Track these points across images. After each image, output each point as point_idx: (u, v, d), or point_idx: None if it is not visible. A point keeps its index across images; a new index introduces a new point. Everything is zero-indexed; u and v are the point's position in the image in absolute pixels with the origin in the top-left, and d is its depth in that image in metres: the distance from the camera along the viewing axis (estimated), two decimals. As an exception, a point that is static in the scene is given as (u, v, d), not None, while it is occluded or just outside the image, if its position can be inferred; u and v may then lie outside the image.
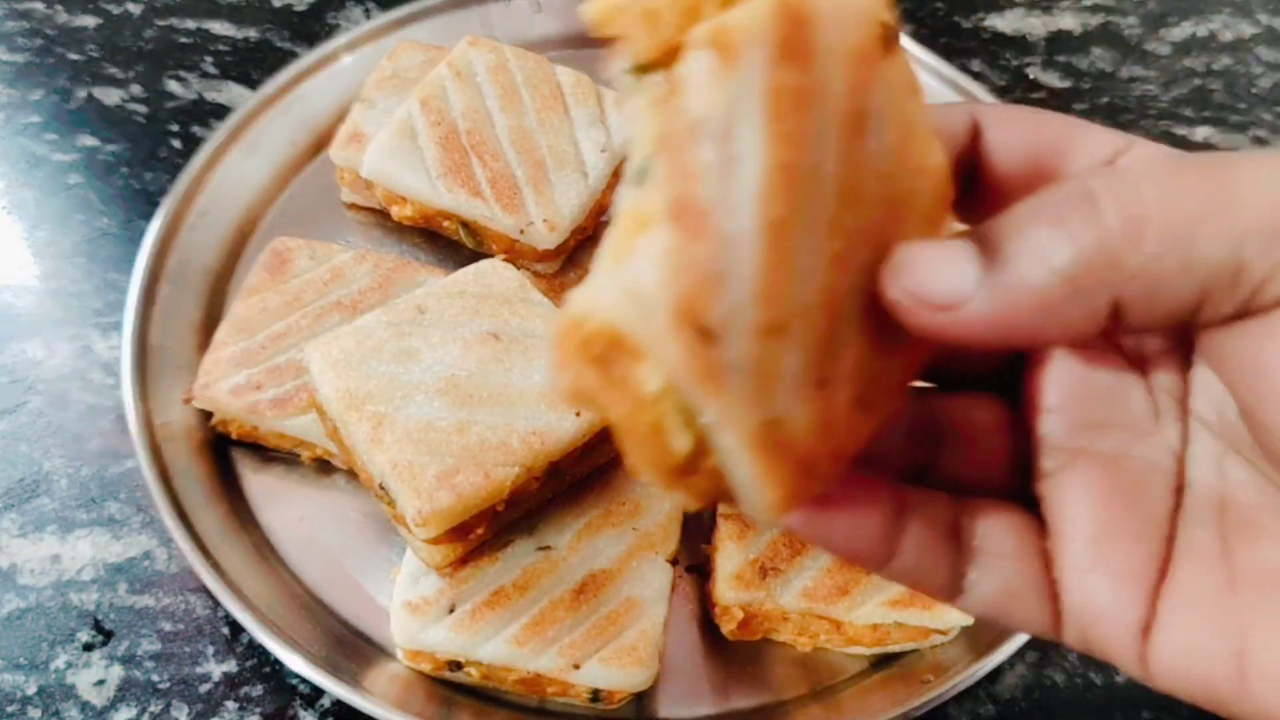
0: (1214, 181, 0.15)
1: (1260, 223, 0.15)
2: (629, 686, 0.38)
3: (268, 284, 0.47)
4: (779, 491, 0.16)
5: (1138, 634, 0.18)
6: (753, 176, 0.16)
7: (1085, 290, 0.15)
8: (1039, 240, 0.15)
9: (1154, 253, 0.15)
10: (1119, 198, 0.15)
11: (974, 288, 0.16)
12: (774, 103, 0.16)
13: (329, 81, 0.55)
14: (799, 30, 0.16)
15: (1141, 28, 0.68)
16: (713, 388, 0.16)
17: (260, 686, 0.41)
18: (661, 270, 0.15)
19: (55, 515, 0.44)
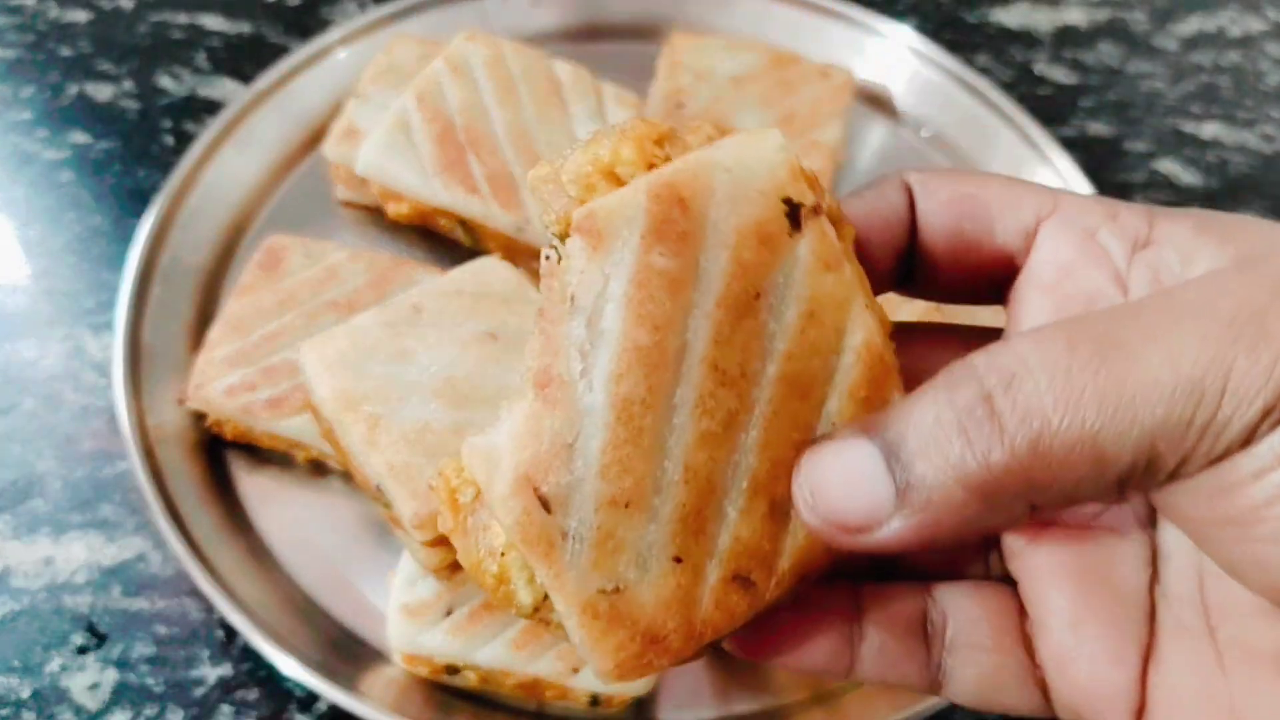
0: (1111, 381, 0.15)
1: (1164, 422, 0.15)
2: (628, 691, 0.38)
3: (261, 283, 0.46)
4: (609, 660, 0.17)
5: (1131, 718, 0.18)
6: (610, 355, 0.17)
7: (1001, 503, 0.16)
8: (949, 458, 0.15)
9: (1065, 463, 0.15)
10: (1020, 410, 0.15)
11: (889, 511, 0.16)
12: (639, 285, 0.17)
13: (323, 77, 0.55)
14: (675, 213, 0.17)
15: (1149, 23, 0.67)
16: (544, 553, 0.16)
17: (255, 691, 0.40)
18: (514, 437, 0.17)
19: (48, 517, 0.44)
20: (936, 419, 0.16)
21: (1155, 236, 0.19)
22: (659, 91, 0.54)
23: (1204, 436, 0.15)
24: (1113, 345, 0.15)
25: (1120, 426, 0.15)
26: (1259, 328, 0.15)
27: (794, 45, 0.58)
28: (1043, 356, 0.15)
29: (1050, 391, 0.15)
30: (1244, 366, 0.15)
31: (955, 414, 0.16)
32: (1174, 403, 0.15)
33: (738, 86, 0.54)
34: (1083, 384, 0.15)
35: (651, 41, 0.59)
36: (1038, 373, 0.15)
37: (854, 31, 0.59)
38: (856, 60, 0.58)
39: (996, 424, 0.15)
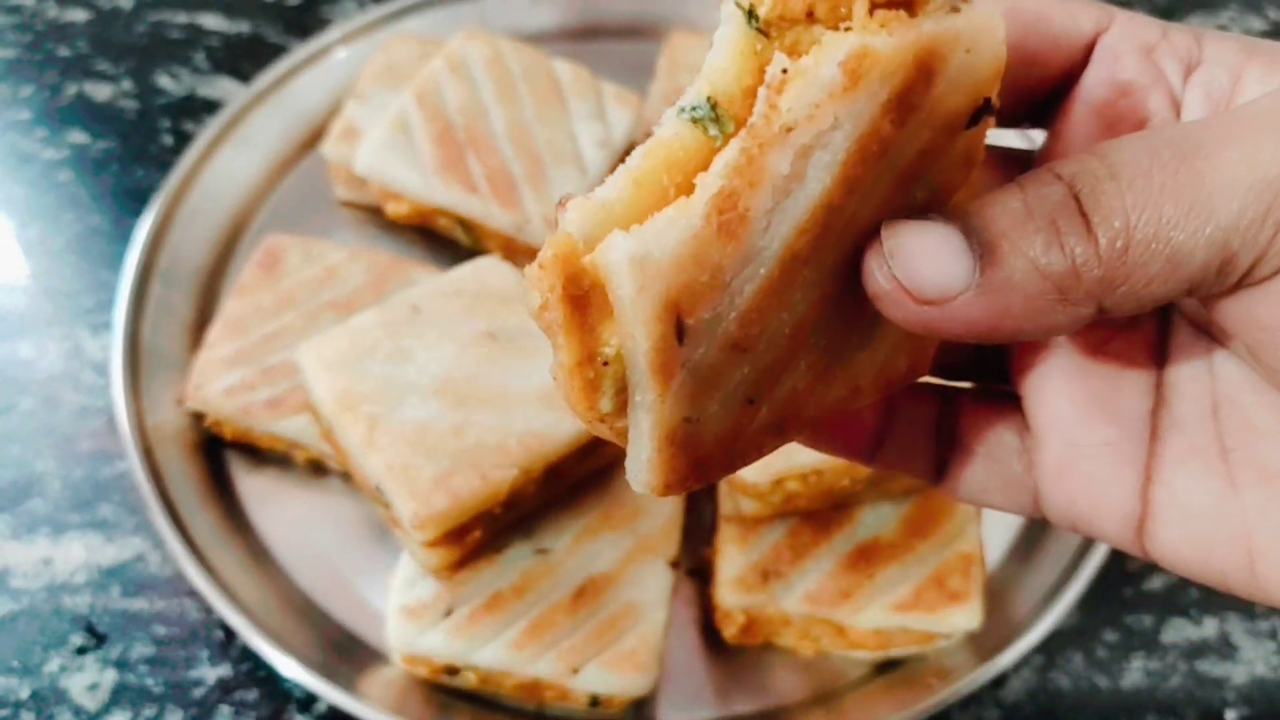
0: (1190, 178, 0.15)
1: (1239, 217, 0.15)
2: (628, 692, 0.38)
3: (260, 283, 0.46)
4: (663, 479, 0.17)
5: (1130, 528, 0.19)
6: (805, 207, 0.16)
7: (1074, 298, 0.16)
8: (1033, 248, 0.16)
9: (1139, 262, 0.15)
10: (1104, 210, 0.15)
11: (965, 284, 0.16)
12: (861, 145, 0.16)
13: (322, 76, 0.55)
14: (921, 84, 0.16)
15: (1149, 20, 0.67)
16: (661, 380, 0.16)
17: (254, 691, 0.40)
18: (676, 255, 0.15)
19: (47, 517, 0.44)
20: (1025, 208, 0.16)
21: (1205, 55, 0.19)
22: (659, 91, 0.54)
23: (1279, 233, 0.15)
24: (1192, 148, 0.15)
25: (1196, 223, 0.15)
26: None
27: (794, 44, 0.57)
28: (1126, 160, 0.16)
29: (1131, 191, 0.15)
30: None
31: (1047, 207, 0.16)
32: (1249, 200, 0.15)
33: (738, 86, 0.54)
34: (1161, 182, 0.15)
35: (651, 41, 0.58)
36: (1121, 175, 0.15)
37: (854, 30, 0.58)
38: (857, 59, 0.58)
39: (1084, 222, 0.15)
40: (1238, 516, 0.18)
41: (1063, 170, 0.16)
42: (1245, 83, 0.18)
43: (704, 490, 0.43)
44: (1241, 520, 0.18)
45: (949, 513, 0.41)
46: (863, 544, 0.40)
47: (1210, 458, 0.19)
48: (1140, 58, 0.19)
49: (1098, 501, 0.19)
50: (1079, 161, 0.16)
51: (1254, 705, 0.42)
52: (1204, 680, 0.43)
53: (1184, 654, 0.43)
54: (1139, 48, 0.19)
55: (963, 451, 0.21)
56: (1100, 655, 0.43)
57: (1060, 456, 0.20)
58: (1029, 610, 0.41)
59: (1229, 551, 0.18)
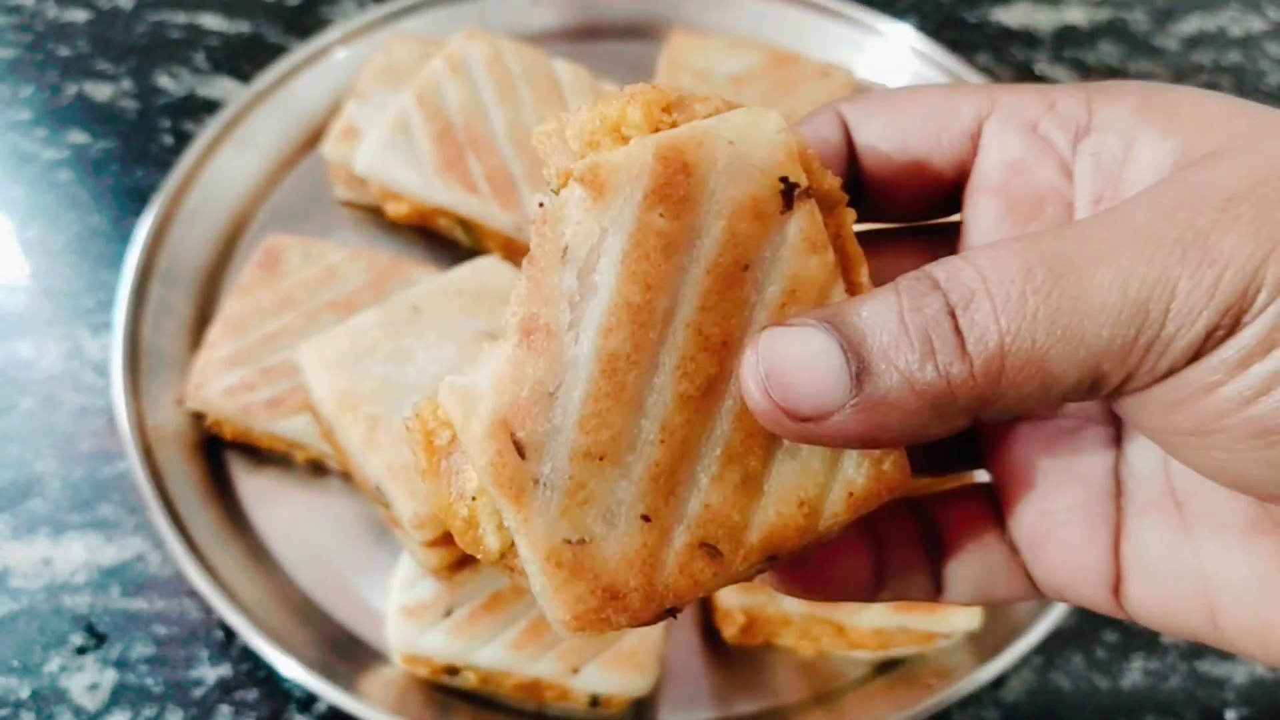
0: (1062, 302, 0.16)
1: (1110, 342, 0.16)
2: (629, 692, 0.38)
3: (260, 283, 0.46)
4: (568, 611, 0.17)
5: (1108, 591, 0.19)
6: (601, 310, 0.17)
7: (948, 413, 0.16)
8: (909, 365, 0.16)
9: (1013, 382, 0.16)
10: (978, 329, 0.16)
11: (841, 402, 0.16)
12: (636, 244, 0.17)
13: (322, 76, 0.55)
14: (679, 177, 0.17)
15: (1150, 22, 0.67)
16: (515, 497, 0.16)
17: (255, 691, 0.40)
18: (496, 380, 0.17)
19: (47, 517, 0.44)
20: (901, 323, 0.16)
21: (1095, 123, 0.19)
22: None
23: (1148, 354, 0.16)
24: (1065, 267, 0.16)
25: (1068, 348, 0.16)
26: (1202, 249, 0.15)
27: (794, 45, 0.58)
28: (1000, 276, 0.16)
29: (1005, 313, 0.16)
30: (1187, 288, 0.15)
31: (922, 322, 0.16)
32: (1119, 324, 0.15)
33: (737, 86, 0.54)
34: (1035, 307, 0.16)
35: (651, 41, 0.58)
36: (995, 293, 0.16)
37: (854, 31, 0.59)
38: (857, 60, 0.58)
39: (959, 340, 0.16)
40: (1196, 569, 0.18)
41: (940, 277, 0.16)
42: (1137, 151, 0.18)
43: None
44: (1199, 572, 0.18)
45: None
46: (863, 544, 0.40)
47: (1167, 511, 0.19)
48: (1026, 135, 0.19)
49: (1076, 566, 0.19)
50: (957, 269, 0.16)
51: (1254, 705, 0.42)
52: (1204, 680, 0.43)
53: (1184, 654, 0.43)
54: (1023, 126, 0.19)
55: (953, 555, 0.21)
56: (1100, 655, 0.43)
57: (1035, 528, 0.20)
58: (1029, 610, 0.41)
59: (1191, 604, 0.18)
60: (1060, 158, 0.19)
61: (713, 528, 0.17)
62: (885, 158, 0.20)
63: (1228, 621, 0.18)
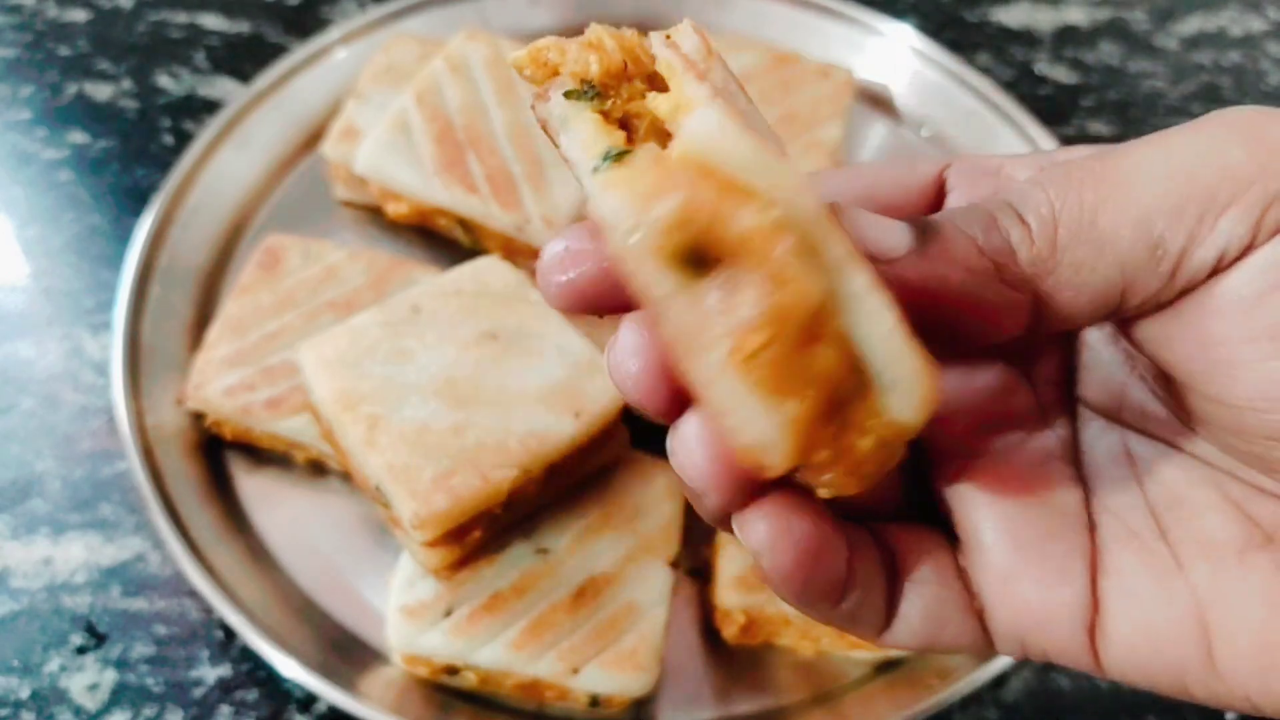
0: (1107, 170, 0.16)
1: (1160, 199, 0.16)
2: (628, 692, 0.38)
3: (260, 282, 0.46)
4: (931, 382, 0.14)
5: (1083, 632, 0.18)
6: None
7: (1010, 277, 0.16)
8: (973, 228, 0.17)
9: (1067, 244, 0.16)
10: (1032, 203, 0.17)
11: (906, 247, 0.17)
12: None
13: (322, 76, 0.55)
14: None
15: (1150, 22, 0.67)
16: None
17: (255, 691, 0.40)
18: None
19: (47, 517, 0.44)
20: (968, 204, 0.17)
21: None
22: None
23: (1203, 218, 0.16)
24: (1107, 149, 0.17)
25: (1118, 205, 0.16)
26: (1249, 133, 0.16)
27: (794, 44, 0.58)
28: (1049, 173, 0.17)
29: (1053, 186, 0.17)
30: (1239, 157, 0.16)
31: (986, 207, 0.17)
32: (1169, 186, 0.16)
33: (738, 86, 0.54)
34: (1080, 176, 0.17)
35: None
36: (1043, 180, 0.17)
37: (854, 31, 0.59)
38: (857, 59, 0.58)
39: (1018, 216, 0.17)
40: (1188, 597, 0.18)
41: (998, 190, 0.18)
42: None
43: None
44: (1192, 599, 0.18)
45: (949, 513, 0.41)
46: (863, 544, 0.40)
47: (1150, 540, 0.18)
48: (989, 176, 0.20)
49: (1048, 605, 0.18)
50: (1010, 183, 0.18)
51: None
52: (1204, 680, 0.43)
53: (1184, 654, 0.43)
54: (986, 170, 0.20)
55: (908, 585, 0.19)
56: (1100, 655, 0.43)
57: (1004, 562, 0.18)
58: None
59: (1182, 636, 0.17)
60: None
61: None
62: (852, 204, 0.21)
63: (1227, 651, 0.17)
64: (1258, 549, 0.18)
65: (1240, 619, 0.17)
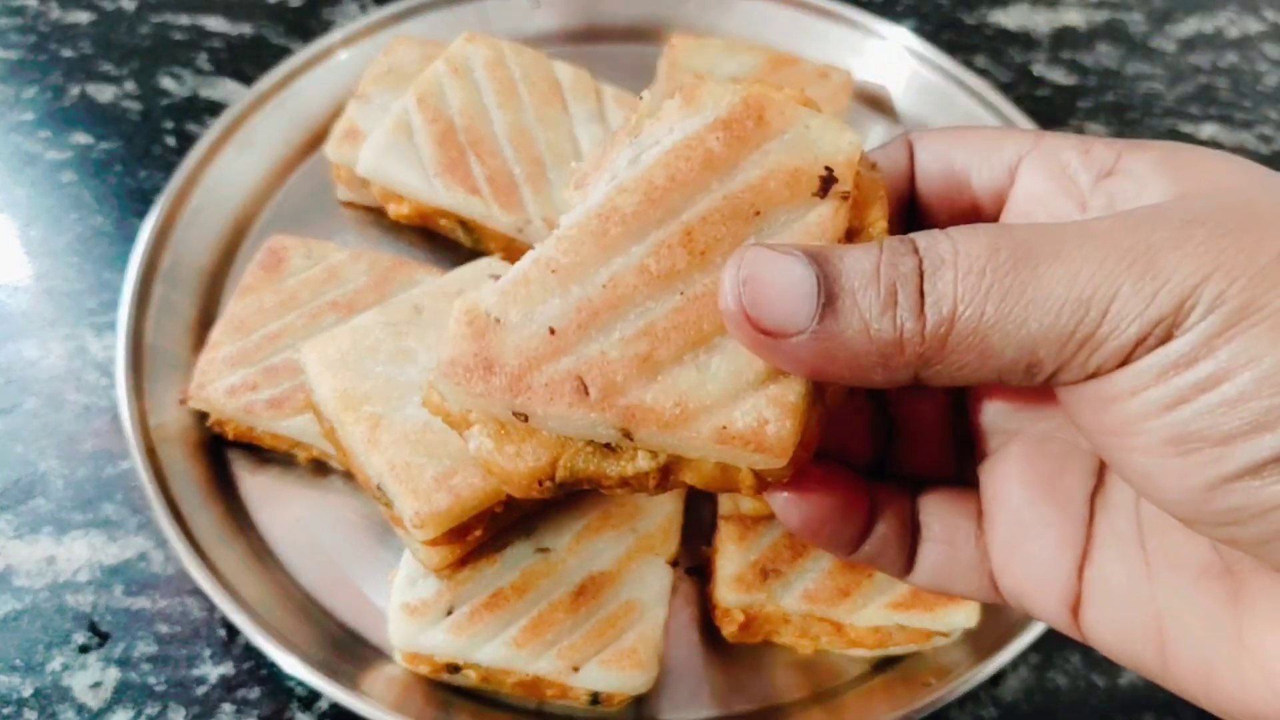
0: (1015, 285, 0.17)
1: (1049, 330, 0.17)
2: (628, 689, 0.38)
3: (263, 283, 0.46)
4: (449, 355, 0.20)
5: (1066, 609, 0.21)
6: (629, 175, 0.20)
7: (892, 365, 0.18)
8: (870, 308, 0.18)
9: (956, 348, 0.17)
10: (938, 291, 0.17)
11: (803, 328, 0.18)
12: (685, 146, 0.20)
13: (324, 78, 0.55)
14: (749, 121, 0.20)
15: (1147, 24, 0.67)
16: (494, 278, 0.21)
17: (257, 689, 0.40)
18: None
19: (51, 516, 0.44)
20: (875, 271, 0.18)
21: (1119, 167, 0.20)
22: (659, 93, 0.54)
23: (1081, 349, 0.17)
24: (1025, 253, 0.17)
25: (1010, 327, 0.17)
26: (1149, 261, 0.16)
27: (793, 46, 0.58)
28: (969, 250, 0.17)
29: (964, 284, 0.17)
30: (1127, 293, 0.16)
31: (893, 276, 0.18)
32: (1060, 315, 0.17)
33: (737, 88, 0.54)
34: (991, 283, 0.17)
35: (651, 43, 0.59)
36: (960, 264, 0.17)
37: (853, 33, 0.59)
38: (855, 61, 0.58)
39: (920, 300, 0.17)
40: (1151, 603, 0.20)
41: (921, 244, 0.18)
42: (1148, 190, 0.19)
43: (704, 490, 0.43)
44: (1154, 607, 0.20)
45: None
46: (861, 543, 0.40)
47: (1130, 544, 0.20)
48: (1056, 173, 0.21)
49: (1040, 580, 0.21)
50: (935, 239, 0.18)
51: (1250, 704, 0.42)
52: (1201, 679, 0.43)
53: (1181, 653, 0.43)
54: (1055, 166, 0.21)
55: (926, 541, 0.22)
56: (1098, 654, 0.43)
57: (1008, 536, 0.21)
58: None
59: (1143, 636, 0.20)
60: (1081, 196, 0.21)
61: (595, 373, 0.19)
62: (935, 178, 0.22)
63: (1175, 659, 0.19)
64: (1214, 577, 0.19)
65: (1188, 636, 0.19)
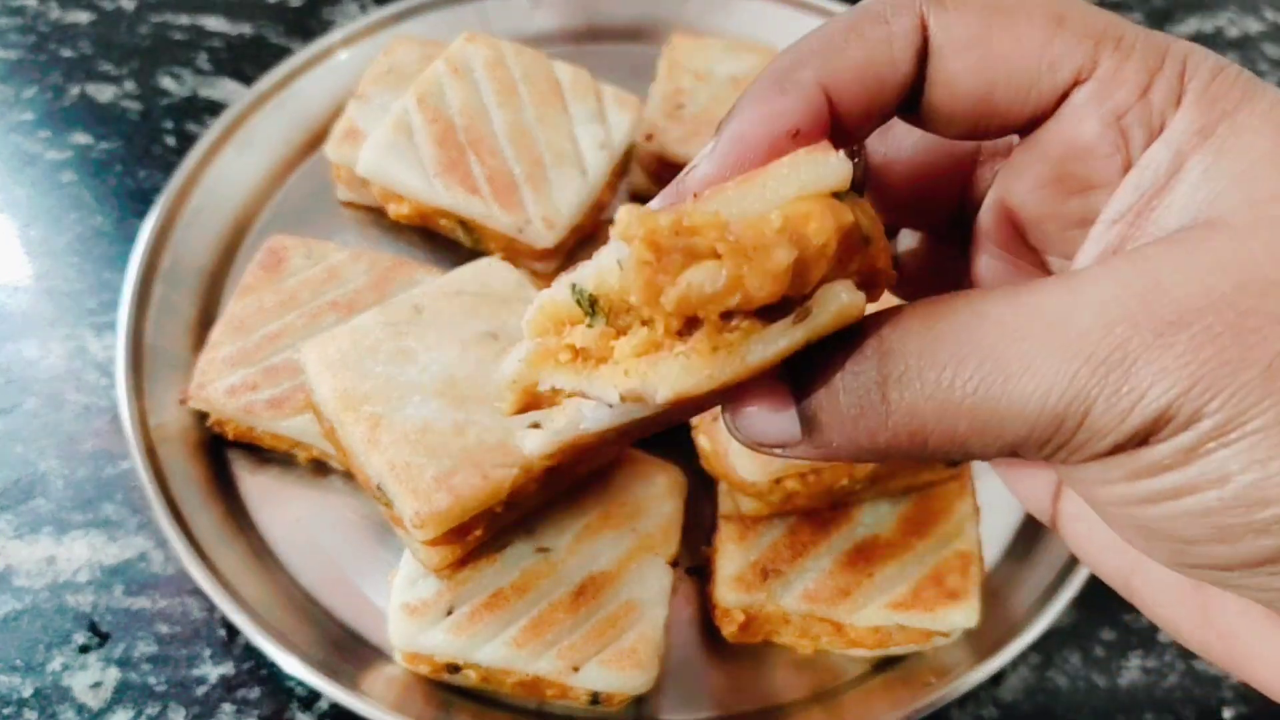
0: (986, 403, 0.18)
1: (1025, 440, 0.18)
2: (628, 689, 0.38)
3: (263, 283, 0.46)
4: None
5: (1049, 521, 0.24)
6: None
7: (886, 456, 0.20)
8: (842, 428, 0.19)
9: (937, 449, 0.19)
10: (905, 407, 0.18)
11: (797, 443, 0.20)
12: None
13: (324, 78, 0.55)
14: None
15: (1147, 23, 0.67)
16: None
17: (257, 689, 0.40)
18: None
19: (51, 516, 0.44)
20: (842, 393, 0.19)
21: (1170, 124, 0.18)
22: (659, 92, 0.54)
23: (1059, 452, 0.18)
24: (994, 368, 0.18)
25: (987, 439, 0.18)
26: (1125, 373, 0.17)
27: (793, 46, 0.58)
28: (938, 359, 0.18)
29: (933, 400, 0.18)
30: (1101, 409, 0.17)
31: (857, 395, 0.19)
32: (1035, 428, 0.18)
33: (737, 87, 0.54)
34: (960, 400, 0.18)
35: (651, 43, 0.59)
36: (926, 377, 0.18)
37: (853, 33, 0.59)
38: (856, 61, 0.58)
39: (885, 410, 0.18)
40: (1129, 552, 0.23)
41: (883, 345, 0.18)
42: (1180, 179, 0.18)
43: (704, 489, 0.43)
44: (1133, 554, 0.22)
45: (947, 512, 0.41)
46: (861, 543, 0.40)
47: None
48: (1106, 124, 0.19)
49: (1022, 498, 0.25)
50: (900, 340, 0.18)
51: (1251, 704, 0.43)
52: (1201, 678, 0.43)
53: (1181, 652, 0.43)
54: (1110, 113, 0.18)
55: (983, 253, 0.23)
56: (1097, 653, 0.43)
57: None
58: (1027, 609, 0.41)
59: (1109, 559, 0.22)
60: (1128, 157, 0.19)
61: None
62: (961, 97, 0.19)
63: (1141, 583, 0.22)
64: None
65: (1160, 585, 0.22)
